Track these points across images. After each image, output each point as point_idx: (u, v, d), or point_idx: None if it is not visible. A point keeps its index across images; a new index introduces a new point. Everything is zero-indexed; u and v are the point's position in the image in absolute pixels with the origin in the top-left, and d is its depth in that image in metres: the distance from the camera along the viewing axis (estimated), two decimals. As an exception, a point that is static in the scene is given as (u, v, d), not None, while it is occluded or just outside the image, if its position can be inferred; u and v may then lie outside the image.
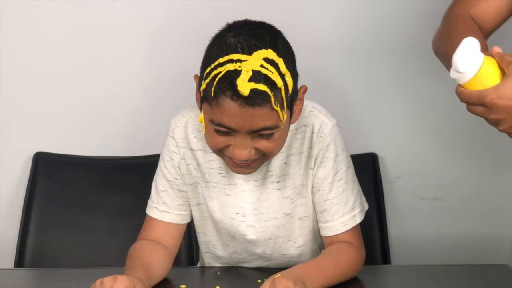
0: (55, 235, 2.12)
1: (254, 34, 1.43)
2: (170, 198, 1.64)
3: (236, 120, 1.42)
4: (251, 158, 1.47)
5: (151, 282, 1.49)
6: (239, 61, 1.39)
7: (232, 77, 1.39)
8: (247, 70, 1.38)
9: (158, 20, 2.14)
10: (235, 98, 1.39)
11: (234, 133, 1.44)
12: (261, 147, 1.46)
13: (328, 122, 1.58)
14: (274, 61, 1.41)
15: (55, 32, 2.15)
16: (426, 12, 2.10)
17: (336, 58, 2.15)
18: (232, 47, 1.42)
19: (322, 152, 1.57)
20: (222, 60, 1.41)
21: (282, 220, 1.62)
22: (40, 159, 2.17)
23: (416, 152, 2.18)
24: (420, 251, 2.19)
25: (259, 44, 1.41)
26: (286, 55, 1.45)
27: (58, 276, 1.71)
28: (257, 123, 1.42)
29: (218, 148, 1.49)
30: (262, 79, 1.39)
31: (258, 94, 1.39)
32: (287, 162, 1.59)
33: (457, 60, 1.35)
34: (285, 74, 1.42)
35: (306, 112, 1.59)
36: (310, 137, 1.58)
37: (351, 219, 1.60)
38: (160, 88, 2.17)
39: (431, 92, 2.14)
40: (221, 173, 1.61)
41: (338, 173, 1.59)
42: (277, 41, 1.45)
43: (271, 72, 1.40)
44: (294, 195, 1.60)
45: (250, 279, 1.59)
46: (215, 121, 1.44)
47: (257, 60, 1.40)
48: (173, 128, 1.63)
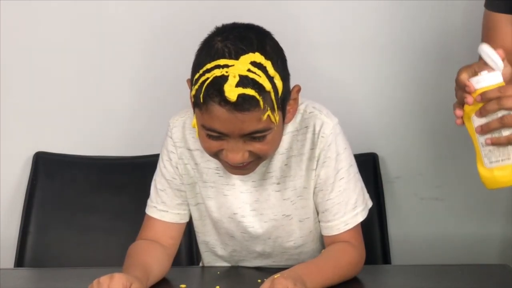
0: (55, 235, 2.12)
1: (242, 38, 1.43)
2: (169, 198, 1.64)
3: (226, 125, 1.42)
4: (244, 161, 1.47)
5: (148, 281, 1.49)
6: (226, 66, 1.39)
7: (219, 83, 1.39)
8: (234, 75, 1.38)
9: (157, 21, 2.14)
10: (223, 104, 1.39)
11: (226, 137, 1.45)
12: (254, 149, 1.47)
13: (329, 121, 1.58)
14: (261, 64, 1.41)
15: (55, 32, 2.15)
16: (427, 12, 2.10)
17: (336, 58, 2.14)
18: (219, 52, 1.42)
19: (323, 153, 1.57)
20: (209, 66, 1.41)
21: (281, 221, 1.62)
22: (40, 159, 2.17)
23: (416, 152, 2.18)
24: (420, 251, 2.19)
25: (246, 48, 1.41)
26: (275, 56, 1.44)
27: (58, 276, 1.71)
28: (248, 127, 1.43)
29: (212, 152, 1.50)
30: (249, 83, 1.39)
31: (246, 99, 1.39)
32: (288, 163, 1.59)
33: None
34: (274, 76, 1.42)
35: (306, 113, 1.58)
36: (311, 138, 1.58)
37: (353, 218, 1.59)
38: (160, 88, 2.17)
39: (431, 92, 2.14)
40: (218, 173, 1.61)
41: (339, 172, 1.58)
42: (264, 43, 1.44)
43: (258, 76, 1.40)
44: (294, 197, 1.60)
45: (250, 279, 1.59)
46: (206, 126, 1.45)
47: (244, 65, 1.40)
48: (171, 128, 1.63)
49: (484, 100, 1.34)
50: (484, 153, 1.36)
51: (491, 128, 1.34)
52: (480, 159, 1.38)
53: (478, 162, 1.38)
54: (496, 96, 1.33)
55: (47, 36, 2.15)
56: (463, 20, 2.10)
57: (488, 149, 1.36)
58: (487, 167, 1.37)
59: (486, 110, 1.34)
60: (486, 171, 1.38)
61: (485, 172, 1.38)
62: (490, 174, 1.37)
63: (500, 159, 1.35)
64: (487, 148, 1.36)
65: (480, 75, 1.35)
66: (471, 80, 1.35)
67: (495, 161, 1.36)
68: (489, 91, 1.33)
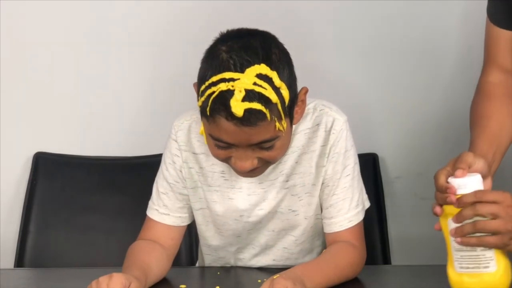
0: (55, 235, 2.12)
1: (246, 48, 1.42)
2: (171, 201, 1.64)
3: (234, 137, 1.42)
4: (254, 167, 1.48)
5: (147, 281, 1.49)
6: (231, 80, 1.38)
7: (225, 97, 1.38)
8: (239, 90, 1.38)
9: (160, 21, 2.14)
10: (230, 118, 1.39)
11: (235, 146, 1.45)
12: (263, 156, 1.47)
13: (339, 118, 1.58)
14: (267, 76, 1.40)
15: (55, 32, 2.15)
16: (427, 13, 2.10)
17: (336, 58, 2.15)
18: (224, 64, 1.40)
19: (333, 148, 1.57)
20: (215, 79, 1.40)
21: (287, 215, 1.61)
22: (40, 159, 2.17)
23: (416, 152, 2.18)
24: (420, 251, 2.19)
25: (251, 60, 1.40)
26: (281, 65, 1.44)
27: (58, 276, 1.71)
28: (256, 138, 1.43)
29: (221, 159, 1.50)
30: (255, 97, 1.38)
31: (252, 113, 1.38)
32: (298, 161, 1.59)
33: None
34: (280, 86, 1.42)
35: (317, 111, 1.59)
36: (323, 135, 1.58)
37: (356, 215, 1.60)
38: (161, 88, 2.17)
39: (431, 92, 2.14)
40: (224, 176, 1.60)
41: (346, 168, 1.59)
42: (270, 52, 1.43)
43: (264, 88, 1.39)
44: (302, 193, 1.60)
45: (250, 279, 1.59)
46: (214, 136, 1.45)
47: (250, 78, 1.39)
48: (176, 131, 1.62)
49: (461, 205, 1.34)
50: (455, 257, 1.37)
51: (465, 232, 1.34)
52: (451, 261, 1.38)
53: (448, 264, 1.39)
54: (472, 200, 1.33)
55: (48, 36, 2.15)
56: (465, 21, 2.10)
57: (460, 254, 1.36)
58: (457, 271, 1.37)
59: (462, 216, 1.34)
60: (456, 275, 1.38)
61: (454, 276, 1.38)
62: (459, 279, 1.37)
63: (470, 266, 1.35)
64: (459, 253, 1.36)
65: (460, 179, 1.35)
66: (452, 182, 1.35)
67: (466, 267, 1.36)
68: (465, 196, 1.33)
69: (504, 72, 1.59)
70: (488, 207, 1.32)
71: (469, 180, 1.35)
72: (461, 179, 1.35)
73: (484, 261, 1.35)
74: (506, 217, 1.32)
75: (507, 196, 1.33)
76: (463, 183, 1.34)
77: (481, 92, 1.61)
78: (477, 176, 1.35)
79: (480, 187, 1.35)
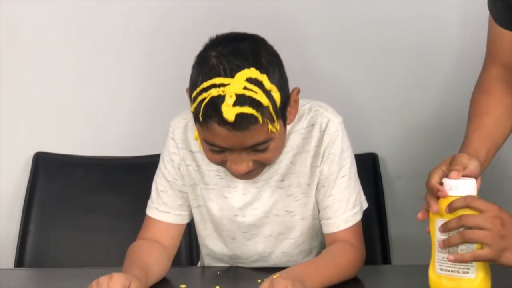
0: (55, 235, 2.12)
1: (236, 52, 1.43)
2: (170, 199, 1.64)
3: (227, 142, 1.44)
4: (249, 169, 1.49)
5: (148, 280, 1.49)
6: (222, 86, 1.40)
7: (216, 103, 1.40)
8: (230, 95, 1.39)
9: (157, 20, 2.14)
10: (222, 124, 1.40)
11: (229, 150, 1.46)
12: (258, 158, 1.49)
13: (334, 119, 1.59)
14: (257, 79, 1.41)
15: (55, 32, 2.15)
16: (427, 12, 2.10)
17: (336, 59, 2.15)
18: (214, 70, 1.42)
19: (328, 149, 1.58)
20: (206, 85, 1.41)
21: (284, 217, 1.62)
22: (40, 159, 2.17)
23: (416, 152, 2.18)
24: (420, 251, 2.17)
25: (241, 64, 1.41)
26: (271, 68, 1.45)
27: (58, 276, 1.71)
28: (249, 141, 1.44)
29: (216, 163, 1.52)
30: (246, 102, 1.40)
31: (244, 117, 1.40)
32: (293, 160, 1.60)
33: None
34: (271, 89, 1.43)
35: (312, 112, 1.59)
36: (317, 136, 1.58)
37: (353, 216, 1.60)
38: (160, 88, 2.17)
39: (431, 92, 2.14)
40: (219, 175, 1.61)
41: (342, 169, 1.59)
42: (259, 56, 1.44)
43: (255, 92, 1.40)
44: (298, 193, 1.61)
45: (250, 279, 1.59)
46: (208, 141, 1.46)
47: (240, 83, 1.40)
48: (173, 130, 1.63)
49: (451, 211, 1.35)
50: (437, 258, 1.38)
51: (452, 243, 1.35)
52: (433, 262, 1.40)
53: (430, 264, 1.41)
54: (462, 205, 1.33)
55: (48, 36, 2.15)
56: (464, 20, 2.10)
57: (442, 256, 1.37)
58: (437, 272, 1.39)
59: (448, 227, 1.35)
60: (435, 276, 1.40)
61: (433, 277, 1.40)
62: (438, 280, 1.39)
63: (450, 269, 1.37)
64: (441, 255, 1.38)
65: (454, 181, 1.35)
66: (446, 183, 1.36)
67: (445, 270, 1.37)
68: (455, 201, 1.34)
69: (505, 68, 1.60)
70: (474, 218, 1.32)
71: (462, 183, 1.35)
72: (455, 180, 1.35)
73: (465, 266, 1.36)
74: (492, 228, 1.33)
75: (494, 207, 1.34)
76: (455, 185, 1.35)
77: (481, 86, 1.62)
78: (471, 181, 1.36)
79: (473, 192, 1.35)
